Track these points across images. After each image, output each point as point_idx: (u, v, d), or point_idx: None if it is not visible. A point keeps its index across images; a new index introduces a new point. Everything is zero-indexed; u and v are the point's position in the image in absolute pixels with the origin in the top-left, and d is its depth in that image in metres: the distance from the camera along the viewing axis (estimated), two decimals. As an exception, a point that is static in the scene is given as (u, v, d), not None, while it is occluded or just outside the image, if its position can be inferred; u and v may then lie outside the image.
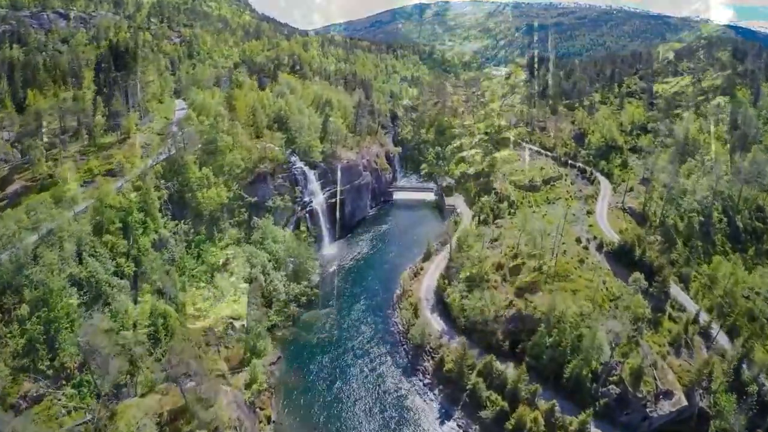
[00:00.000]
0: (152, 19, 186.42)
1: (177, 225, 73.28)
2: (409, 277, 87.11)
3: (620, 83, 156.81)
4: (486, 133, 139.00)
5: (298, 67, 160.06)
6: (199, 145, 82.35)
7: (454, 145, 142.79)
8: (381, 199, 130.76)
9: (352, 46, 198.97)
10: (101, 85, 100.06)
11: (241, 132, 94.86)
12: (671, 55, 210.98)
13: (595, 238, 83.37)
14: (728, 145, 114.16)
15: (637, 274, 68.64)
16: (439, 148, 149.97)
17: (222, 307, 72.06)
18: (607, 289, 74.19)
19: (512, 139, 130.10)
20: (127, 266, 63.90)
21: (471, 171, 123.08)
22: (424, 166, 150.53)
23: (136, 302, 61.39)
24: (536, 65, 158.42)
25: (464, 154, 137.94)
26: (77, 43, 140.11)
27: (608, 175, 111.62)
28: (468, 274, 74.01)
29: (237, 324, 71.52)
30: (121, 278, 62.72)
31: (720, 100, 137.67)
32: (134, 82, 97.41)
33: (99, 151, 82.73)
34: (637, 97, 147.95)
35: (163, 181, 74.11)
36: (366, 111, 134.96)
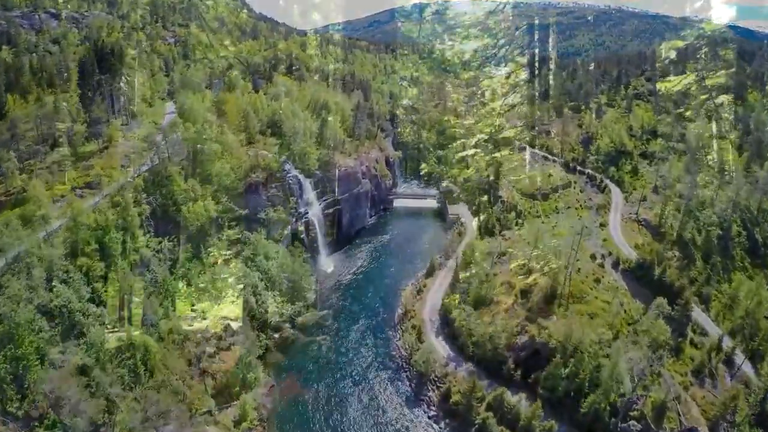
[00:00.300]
0: (147, 19, 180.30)
1: (161, 242, 67.71)
2: (411, 294, 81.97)
3: (627, 85, 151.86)
4: (486, 133, 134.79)
5: (295, 68, 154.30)
6: (185, 154, 76.53)
7: (455, 145, 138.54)
8: (381, 207, 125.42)
9: (350, 46, 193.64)
10: (85, 89, 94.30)
11: (231, 138, 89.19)
12: (673, 54, 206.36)
13: (610, 253, 78.25)
14: (744, 153, 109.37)
15: (661, 300, 63.60)
16: (441, 152, 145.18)
17: (220, 308, 68.63)
18: (625, 311, 69.50)
19: (513, 137, 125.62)
20: (105, 291, 58.42)
21: (475, 176, 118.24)
22: (423, 165, 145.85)
23: (114, 332, 55.90)
24: (537, 65, 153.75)
25: (464, 153, 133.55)
26: (69, 44, 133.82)
27: (619, 183, 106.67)
28: (475, 295, 68.90)
29: (234, 325, 67.92)
30: (98, 305, 57.11)
31: (724, 98, 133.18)
32: (119, 85, 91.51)
33: (79, 162, 77.01)
34: (645, 99, 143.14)
35: (144, 195, 68.37)
36: (365, 114, 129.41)
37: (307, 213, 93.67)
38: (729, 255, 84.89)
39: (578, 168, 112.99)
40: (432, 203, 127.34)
